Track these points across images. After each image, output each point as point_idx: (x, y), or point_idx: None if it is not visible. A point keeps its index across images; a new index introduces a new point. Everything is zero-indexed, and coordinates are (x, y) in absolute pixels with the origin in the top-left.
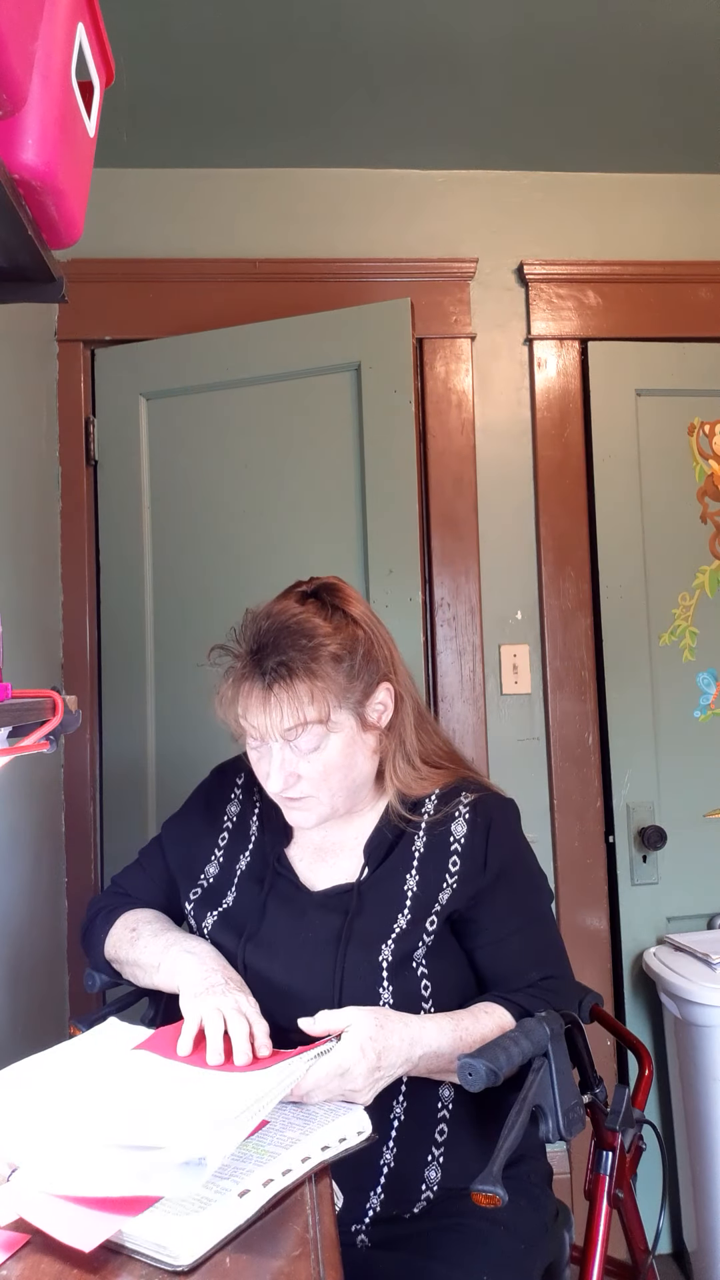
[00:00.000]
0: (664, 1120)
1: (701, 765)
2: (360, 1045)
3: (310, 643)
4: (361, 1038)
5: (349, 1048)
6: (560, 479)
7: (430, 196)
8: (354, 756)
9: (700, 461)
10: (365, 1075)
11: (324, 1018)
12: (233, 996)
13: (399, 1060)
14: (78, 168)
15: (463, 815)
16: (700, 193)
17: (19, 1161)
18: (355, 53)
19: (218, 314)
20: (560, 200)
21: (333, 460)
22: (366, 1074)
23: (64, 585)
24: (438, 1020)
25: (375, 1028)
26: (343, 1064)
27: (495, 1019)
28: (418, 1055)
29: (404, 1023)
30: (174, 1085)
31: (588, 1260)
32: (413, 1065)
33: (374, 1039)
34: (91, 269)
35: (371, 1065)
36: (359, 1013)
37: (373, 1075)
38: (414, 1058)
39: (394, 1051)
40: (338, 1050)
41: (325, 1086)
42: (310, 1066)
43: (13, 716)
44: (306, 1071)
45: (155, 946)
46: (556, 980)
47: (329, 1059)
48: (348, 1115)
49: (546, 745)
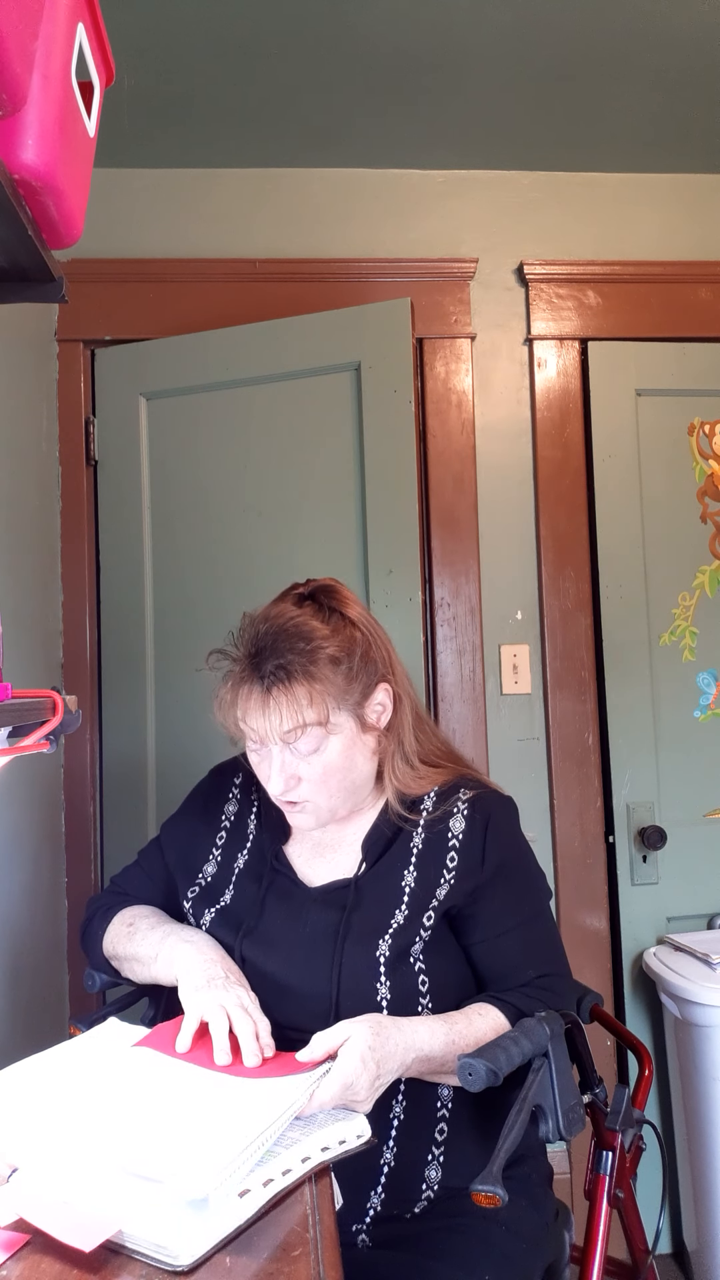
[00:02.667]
0: (664, 1120)
1: (701, 765)
2: (361, 1056)
3: (308, 645)
4: (361, 1048)
5: (351, 1061)
6: (560, 479)
7: (430, 196)
8: (353, 758)
9: (700, 461)
10: (368, 1086)
11: (319, 1042)
12: (234, 992)
13: (396, 1066)
14: (78, 168)
15: (461, 812)
16: (700, 193)
17: (20, 1163)
18: (355, 53)
19: (218, 314)
20: (560, 200)
21: (333, 460)
22: (369, 1084)
23: (64, 585)
24: (430, 1023)
25: (373, 1036)
26: (347, 1079)
27: (489, 1020)
28: (411, 1059)
29: (398, 1027)
30: (178, 1094)
31: (588, 1260)
32: (407, 1069)
33: (373, 1048)
34: (91, 269)
35: (373, 1075)
36: (354, 1025)
37: (374, 1084)
38: (408, 1062)
39: (392, 1058)
40: (340, 1065)
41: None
42: (314, 1090)
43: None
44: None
45: (152, 938)
46: (553, 978)
47: (333, 1077)
48: (348, 1119)
49: (546, 745)
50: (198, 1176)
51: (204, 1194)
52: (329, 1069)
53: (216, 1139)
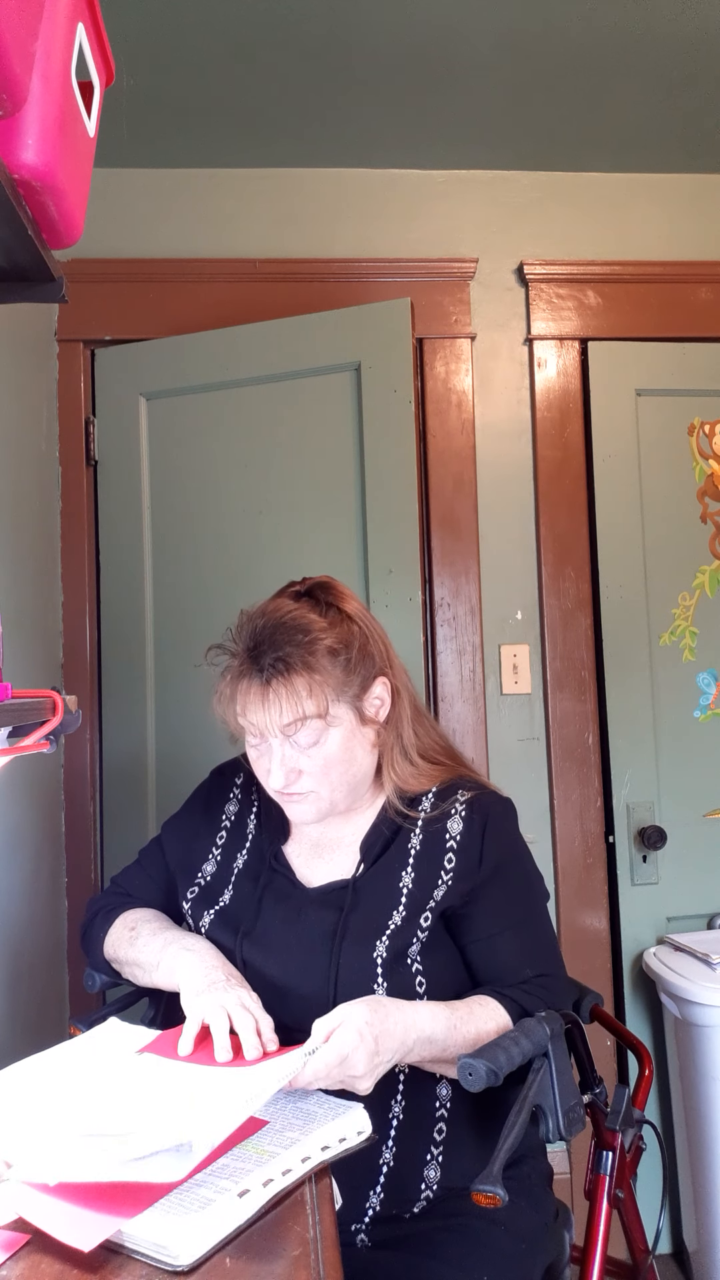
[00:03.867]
0: (664, 1120)
1: (701, 765)
2: (358, 1029)
3: (306, 637)
4: (359, 1023)
5: (347, 1033)
6: (560, 479)
7: (430, 196)
8: (353, 750)
9: (700, 461)
10: (366, 1060)
11: (319, 1027)
12: (235, 993)
13: (396, 1045)
14: (78, 168)
15: (459, 812)
16: (700, 193)
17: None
18: (355, 53)
19: (218, 314)
20: (560, 200)
21: (333, 460)
22: (367, 1059)
23: (64, 585)
24: (431, 1007)
25: (370, 1012)
26: (342, 1050)
27: (489, 1011)
28: (413, 1039)
29: (398, 1007)
30: (174, 1082)
31: (588, 1260)
32: (408, 1050)
33: (370, 1023)
34: (91, 269)
35: (370, 1050)
36: (352, 1004)
37: (373, 1060)
38: (409, 1042)
39: (391, 1036)
40: (336, 1037)
41: (327, 1076)
42: (308, 1059)
43: (13, 716)
44: (305, 1065)
45: (154, 945)
46: (548, 979)
47: (329, 1048)
48: (347, 1115)
49: (546, 745)
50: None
51: (186, 1138)
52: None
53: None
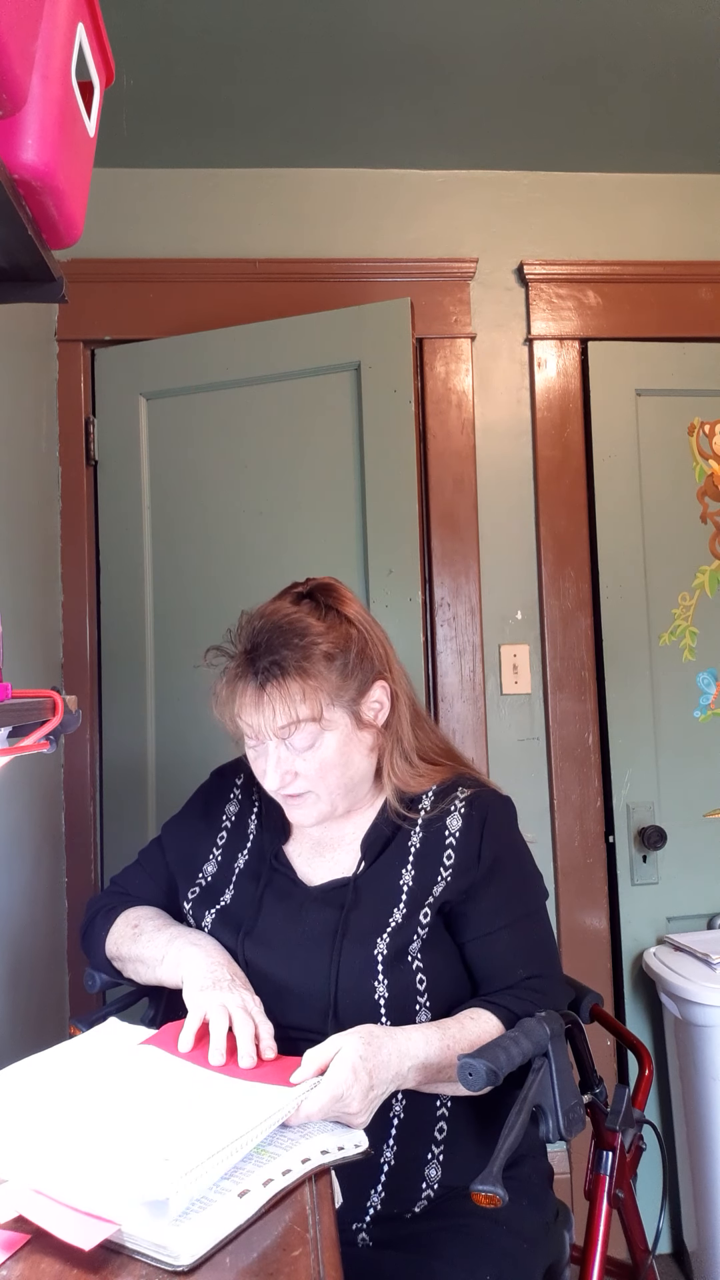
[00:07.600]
0: (664, 1120)
1: (701, 765)
2: (352, 1067)
3: (302, 641)
4: (353, 1058)
5: (341, 1071)
6: (560, 479)
7: (430, 196)
8: (350, 754)
9: (700, 461)
10: (360, 1097)
11: (310, 1059)
12: (238, 994)
13: (390, 1076)
14: (78, 168)
15: (458, 810)
16: (700, 193)
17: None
18: (356, 53)
19: (218, 314)
20: (560, 200)
21: (333, 460)
22: (361, 1095)
23: (64, 585)
24: (424, 1030)
25: (364, 1046)
26: (337, 1090)
27: (481, 1024)
28: (407, 1068)
29: (391, 1036)
30: (171, 1094)
31: (588, 1260)
32: (403, 1079)
33: (364, 1058)
34: (91, 269)
35: (365, 1086)
36: (344, 1037)
37: (368, 1096)
38: (404, 1071)
39: (385, 1067)
40: (330, 1076)
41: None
42: (302, 1101)
43: (13, 716)
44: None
45: (159, 940)
46: (543, 979)
47: (322, 1089)
48: (346, 1129)
49: (546, 745)
50: (159, 1178)
51: (163, 1196)
52: (318, 1083)
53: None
